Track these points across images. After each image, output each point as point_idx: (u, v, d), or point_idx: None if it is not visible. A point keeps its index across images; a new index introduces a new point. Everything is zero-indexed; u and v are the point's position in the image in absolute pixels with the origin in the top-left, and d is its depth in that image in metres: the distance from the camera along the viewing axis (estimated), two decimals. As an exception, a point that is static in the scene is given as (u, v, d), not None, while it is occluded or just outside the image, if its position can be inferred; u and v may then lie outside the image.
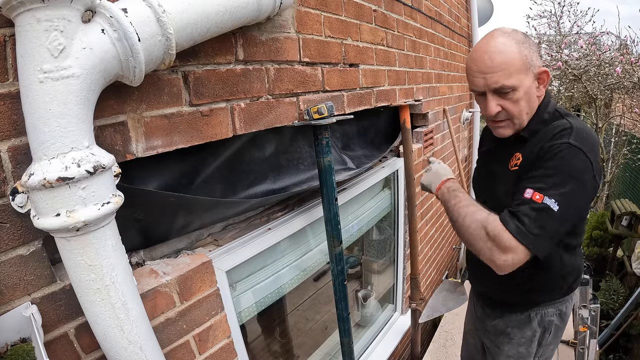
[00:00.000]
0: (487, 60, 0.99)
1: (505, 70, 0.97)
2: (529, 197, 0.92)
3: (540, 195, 0.91)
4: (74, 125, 0.57)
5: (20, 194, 0.61)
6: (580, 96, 6.69)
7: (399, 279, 2.46)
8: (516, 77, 0.98)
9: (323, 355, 2.20)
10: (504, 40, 0.99)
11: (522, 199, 0.94)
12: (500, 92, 1.01)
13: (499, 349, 1.31)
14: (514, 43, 0.98)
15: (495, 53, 0.98)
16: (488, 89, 1.02)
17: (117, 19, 0.59)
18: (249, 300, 1.29)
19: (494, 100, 1.03)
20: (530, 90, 1.02)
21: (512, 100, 1.02)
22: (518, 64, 0.98)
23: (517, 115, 1.04)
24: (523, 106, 1.03)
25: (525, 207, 0.92)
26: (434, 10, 2.52)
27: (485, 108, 1.07)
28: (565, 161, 0.92)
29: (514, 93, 1.00)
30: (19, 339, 0.63)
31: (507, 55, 0.97)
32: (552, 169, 0.93)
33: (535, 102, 1.05)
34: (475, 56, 1.02)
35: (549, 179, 0.92)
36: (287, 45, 1.13)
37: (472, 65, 1.03)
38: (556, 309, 1.21)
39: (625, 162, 6.10)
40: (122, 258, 0.66)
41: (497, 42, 0.99)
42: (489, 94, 1.03)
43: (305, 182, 1.36)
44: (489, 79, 1.00)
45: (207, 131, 0.92)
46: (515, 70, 0.98)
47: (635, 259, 3.59)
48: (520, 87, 0.99)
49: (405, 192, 2.21)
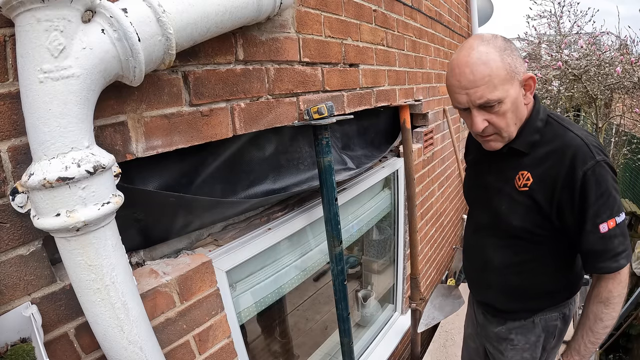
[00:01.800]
0: (468, 74, 0.92)
1: (489, 83, 0.91)
2: (606, 231, 0.95)
3: (612, 220, 0.95)
4: (74, 125, 0.57)
5: (20, 194, 0.61)
6: (580, 96, 6.69)
7: (399, 279, 2.46)
8: (501, 88, 0.92)
9: (323, 355, 2.20)
10: (485, 49, 0.92)
11: (601, 236, 0.96)
12: (486, 106, 0.95)
13: (503, 355, 1.29)
14: (496, 51, 0.92)
15: (477, 65, 0.91)
16: (472, 105, 0.96)
17: (117, 19, 0.59)
18: (249, 300, 1.29)
19: (480, 115, 0.97)
20: (517, 100, 0.96)
21: (499, 114, 0.96)
22: (502, 74, 0.91)
23: (505, 129, 1.00)
24: (510, 118, 0.98)
25: (613, 240, 0.96)
26: (434, 10, 2.52)
27: (471, 125, 1.02)
28: (605, 182, 0.95)
29: (500, 106, 0.95)
30: (19, 339, 0.63)
31: (489, 66, 0.91)
32: (604, 196, 0.94)
33: (523, 110, 1.01)
34: (456, 71, 0.95)
35: (606, 205, 0.95)
36: (287, 45, 1.13)
37: (454, 81, 0.96)
38: (560, 312, 1.19)
39: (625, 162, 6.10)
40: (122, 258, 0.66)
41: (478, 53, 0.92)
42: (473, 110, 0.97)
43: (305, 182, 1.36)
44: (473, 95, 0.94)
45: (207, 131, 0.92)
46: (500, 81, 0.92)
47: (635, 259, 3.59)
48: (506, 99, 0.94)
49: (405, 192, 2.21)
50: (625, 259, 0.97)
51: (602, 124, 6.16)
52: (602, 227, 0.95)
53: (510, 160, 1.08)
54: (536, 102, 1.05)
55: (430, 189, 2.61)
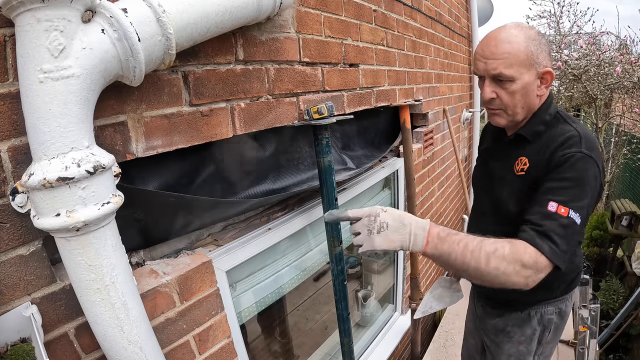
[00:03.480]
0: (492, 47, 1.01)
1: (507, 60, 0.99)
2: (553, 211, 0.92)
3: (565, 208, 0.91)
4: (74, 125, 0.57)
5: (20, 194, 0.61)
6: (580, 96, 6.70)
7: (399, 279, 2.46)
8: (516, 68, 0.99)
9: (323, 355, 2.20)
10: (515, 32, 1.00)
11: (546, 213, 0.92)
12: (498, 79, 1.02)
13: (499, 348, 1.32)
14: (524, 37, 0.99)
15: (502, 41, 0.99)
16: (487, 74, 1.04)
17: (117, 19, 0.59)
18: (249, 300, 1.29)
19: (491, 86, 1.05)
20: (529, 86, 1.02)
21: (508, 91, 1.03)
22: (521, 57, 0.98)
23: (510, 106, 1.05)
24: (518, 99, 1.03)
25: (553, 224, 0.91)
26: (434, 10, 2.52)
27: (481, 92, 1.10)
28: (582, 172, 0.93)
29: (511, 84, 1.01)
30: (19, 339, 0.63)
31: (512, 45, 0.98)
32: (572, 181, 0.93)
33: (533, 99, 1.06)
34: (484, 41, 1.05)
35: (569, 190, 0.93)
36: (287, 45, 1.13)
37: (479, 49, 1.05)
38: (556, 307, 1.22)
39: (625, 162, 6.10)
40: (122, 258, 0.66)
41: (507, 32, 1.00)
42: (487, 79, 1.05)
43: (305, 182, 1.36)
44: (489, 65, 1.01)
45: (207, 131, 0.92)
46: (517, 62, 0.98)
47: (635, 259, 3.59)
48: (518, 80, 1.00)
49: (405, 192, 2.21)
50: (550, 251, 0.87)
51: (602, 124, 6.16)
52: (550, 205, 0.92)
53: (515, 147, 1.13)
54: (549, 98, 1.10)
55: (430, 189, 2.61)
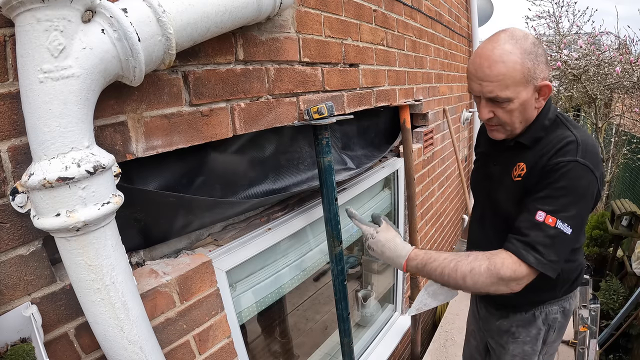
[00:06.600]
0: (485, 69, 0.96)
1: (502, 82, 0.94)
2: (541, 220, 0.91)
3: (553, 218, 0.90)
4: (74, 125, 0.57)
5: (20, 194, 0.61)
6: (579, 96, 6.69)
7: (399, 279, 2.46)
8: (512, 89, 0.95)
9: (323, 355, 2.20)
10: (510, 47, 0.94)
11: (533, 222, 0.92)
12: (494, 101, 1.00)
13: (504, 349, 1.31)
14: (520, 53, 0.93)
15: (496, 62, 0.94)
16: (482, 96, 1.01)
17: (117, 19, 0.59)
18: (249, 300, 1.29)
19: (487, 107, 1.03)
20: (527, 102, 0.99)
21: (506, 110, 1.00)
22: (517, 77, 0.94)
23: (508, 123, 1.03)
24: (516, 116, 1.02)
25: (539, 235, 0.91)
26: (434, 10, 2.52)
27: (478, 111, 1.09)
28: (574, 181, 0.92)
29: (508, 104, 0.99)
30: (19, 339, 0.63)
31: (507, 65, 0.93)
32: (562, 190, 0.92)
33: (531, 112, 1.03)
34: (477, 60, 0.99)
35: (559, 200, 0.91)
36: (287, 45, 1.13)
37: (472, 69, 1.01)
38: (560, 306, 1.22)
39: (625, 162, 6.09)
40: (122, 258, 0.66)
41: (501, 50, 0.94)
42: (483, 100, 1.03)
43: (305, 182, 1.36)
44: (485, 87, 0.98)
45: (207, 131, 0.92)
46: (513, 82, 0.94)
47: (635, 259, 3.58)
48: (515, 99, 0.97)
49: (405, 192, 2.21)
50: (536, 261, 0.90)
51: (602, 124, 6.16)
52: (539, 215, 0.92)
53: (515, 153, 1.12)
54: (547, 102, 1.07)
55: (430, 189, 2.61)
